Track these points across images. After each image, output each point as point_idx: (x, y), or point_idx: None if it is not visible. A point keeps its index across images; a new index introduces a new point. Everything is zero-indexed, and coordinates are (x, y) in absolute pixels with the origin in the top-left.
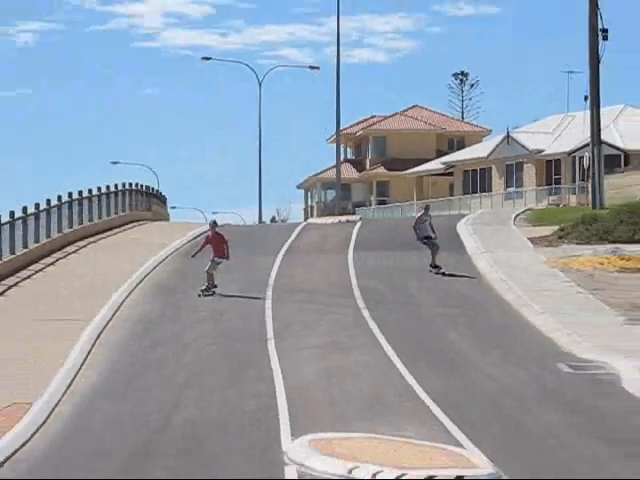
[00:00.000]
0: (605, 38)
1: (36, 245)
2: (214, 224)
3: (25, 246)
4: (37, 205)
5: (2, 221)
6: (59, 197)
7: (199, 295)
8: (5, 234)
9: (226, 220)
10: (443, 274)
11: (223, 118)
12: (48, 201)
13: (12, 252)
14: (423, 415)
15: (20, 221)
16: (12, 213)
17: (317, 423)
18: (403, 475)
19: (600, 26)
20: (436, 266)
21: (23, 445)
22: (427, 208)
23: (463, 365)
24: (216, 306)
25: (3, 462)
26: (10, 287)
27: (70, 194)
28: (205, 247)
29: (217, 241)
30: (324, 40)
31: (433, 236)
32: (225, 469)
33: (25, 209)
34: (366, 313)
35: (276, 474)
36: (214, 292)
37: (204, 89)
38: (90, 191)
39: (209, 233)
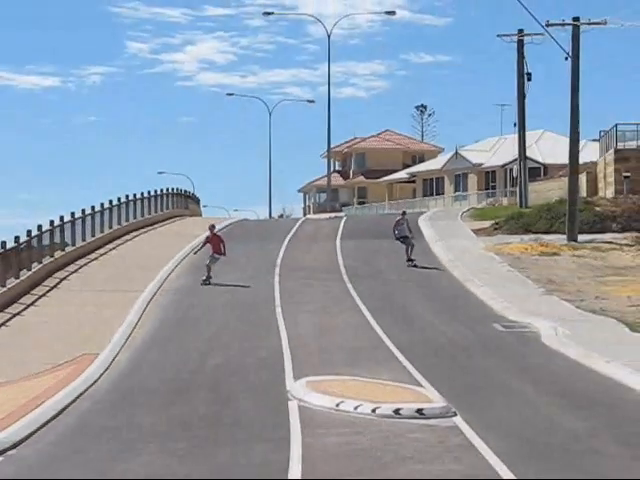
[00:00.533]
0: (529, 79)
1: (101, 235)
2: (212, 227)
3: (93, 235)
4: (102, 204)
5: (75, 216)
6: (119, 198)
7: (201, 284)
8: (78, 227)
9: (244, 216)
10: (415, 266)
11: (242, 139)
12: (110, 201)
13: (83, 240)
14: (392, 362)
15: (89, 217)
16: (83, 210)
17: (313, 367)
18: (377, 408)
19: (525, 70)
20: (410, 259)
21: (91, 385)
22: (404, 213)
23: (421, 323)
24: (239, 281)
25: (75, 399)
26: (81, 267)
27: (127, 196)
28: (205, 245)
29: (215, 241)
30: (319, 80)
31: (410, 236)
32: (244, 402)
33: (93, 207)
34: (349, 285)
35: (282, 407)
36: (209, 282)
37: (228, 117)
38: (142, 194)
39: (209, 234)
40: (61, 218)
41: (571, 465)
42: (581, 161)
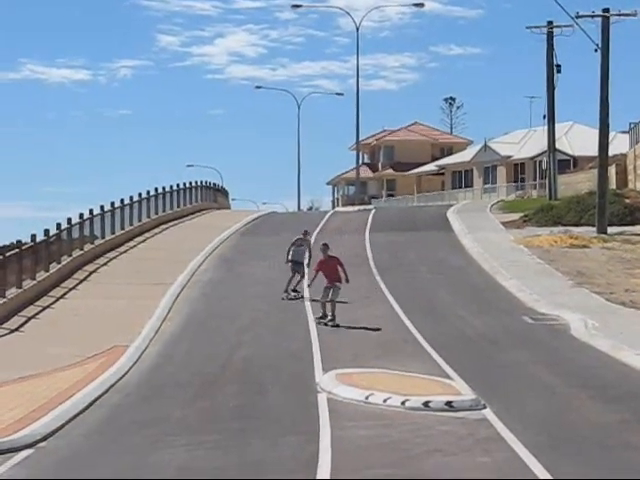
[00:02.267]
0: (559, 71)
1: (130, 228)
2: (325, 247)
3: (122, 228)
4: (131, 198)
5: (105, 210)
6: (147, 192)
7: (317, 323)
8: (107, 220)
9: (273, 209)
10: (296, 298)
11: (271, 132)
12: (139, 195)
13: (112, 233)
14: (421, 354)
15: (119, 210)
16: (112, 204)
17: (342, 360)
18: (406, 400)
19: (555, 62)
20: (295, 290)
21: (121, 378)
22: (306, 233)
23: (450, 316)
24: (267, 274)
25: (105, 392)
26: (111, 259)
27: (156, 189)
28: (317, 275)
29: (331, 266)
30: (349, 73)
31: (305, 262)
32: (274, 394)
33: (122, 201)
34: (378, 278)
35: (312, 399)
36: (329, 323)
37: (257, 110)
38: (171, 187)
39: (321, 256)
40: (90, 211)
41: (603, 458)
42: (611, 153)
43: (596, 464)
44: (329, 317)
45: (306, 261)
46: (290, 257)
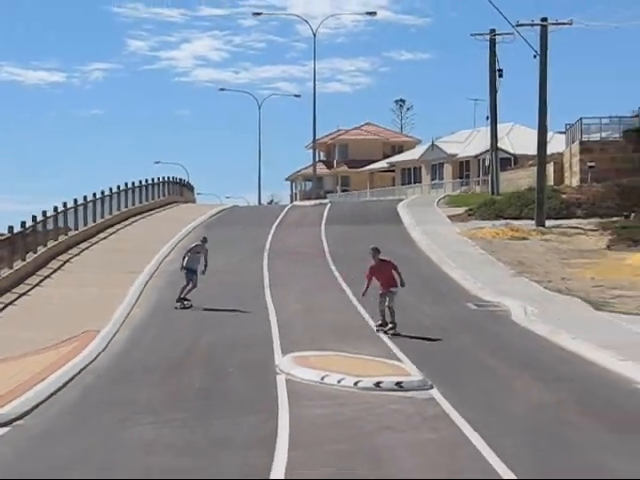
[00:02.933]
0: (500, 76)
1: (101, 220)
2: (376, 251)
3: (94, 220)
4: (102, 192)
5: (78, 203)
6: (118, 186)
7: (377, 331)
8: (80, 213)
9: (235, 202)
10: (185, 307)
11: (234, 131)
12: (110, 189)
13: (85, 225)
14: (373, 338)
15: (91, 203)
16: (85, 197)
17: (299, 344)
18: (359, 381)
19: (497, 67)
20: (184, 299)
21: (92, 361)
22: (204, 240)
23: (400, 302)
24: (229, 262)
25: (77, 374)
26: (83, 250)
27: (125, 184)
28: (370, 283)
29: (386, 271)
30: (307, 76)
31: (200, 270)
32: (236, 376)
33: (94, 195)
34: (333, 267)
35: (272, 380)
36: (389, 332)
37: (221, 111)
38: (140, 182)
39: (371, 263)
40: (64, 204)
41: (540, 435)
42: (549, 152)
43: (534, 440)
44: (389, 325)
45: (201, 268)
46: (185, 264)
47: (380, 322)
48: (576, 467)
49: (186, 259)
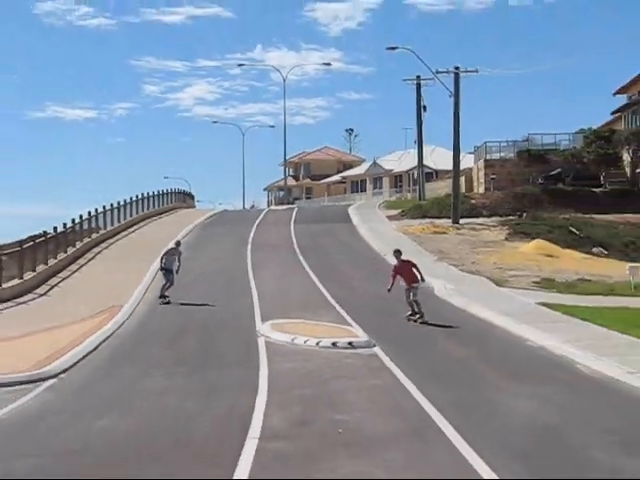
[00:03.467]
0: (425, 110)
1: (124, 221)
2: (398, 253)
3: (118, 221)
4: (125, 200)
5: (106, 209)
6: (136, 196)
7: (408, 320)
8: (107, 216)
9: (225, 207)
10: (164, 303)
11: (225, 153)
12: (130, 198)
13: (112, 225)
14: (331, 310)
15: (116, 209)
16: (111, 204)
17: (275, 314)
18: (320, 342)
19: (422, 103)
20: (163, 296)
21: (119, 328)
22: (178, 244)
23: (351, 282)
24: (219, 253)
25: (107, 338)
26: (111, 244)
27: (142, 194)
28: (395, 279)
29: (407, 269)
30: (279, 112)
31: (175, 270)
32: (226, 340)
33: (118, 202)
34: (300, 256)
35: (254, 342)
36: (418, 320)
37: (214, 138)
38: (153, 192)
39: (396, 262)
40: (95, 210)
41: (455, 381)
42: (461, 167)
43: (450, 385)
44: (417, 315)
45: (175, 268)
46: (163, 265)
47: (410, 312)
48: (482, 404)
49: (164, 260)
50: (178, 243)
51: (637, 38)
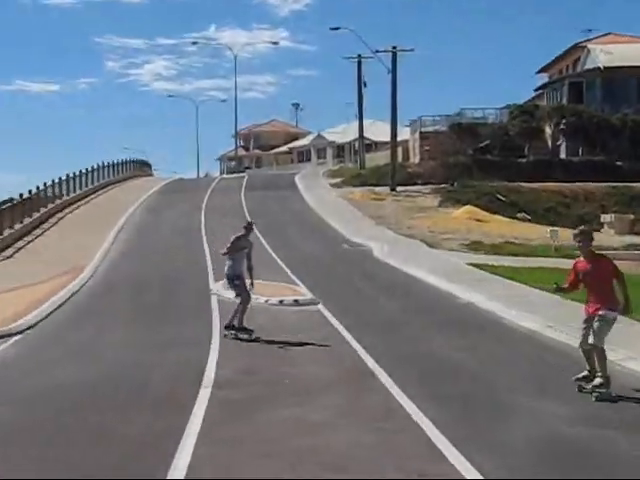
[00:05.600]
0: (365, 86)
1: (87, 188)
2: (249, 226)
3: (81, 188)
4: (87, 168)
5: (70, 176)
6: (98, 164)
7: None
8: (71, 183)
9: (181, 175)
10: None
11: (181, 125)
12: (92, 166)
13: (74, 192)
14: (278, 270)
15: (78, 177)
16: (74, 172)
17: None
18: (268, 299)
19: (363, 80)
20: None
21: (82, 287)
22: (249, 227)
23: (297, 245)
24: (175, 217)
25: (71, 295)
26: (73, 210)
27: (103, 163)
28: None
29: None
30: (232, 87)
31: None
32: (183, 296)
33: (80, 170)
34: (248, 216)
35: (207, 299)
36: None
37: (171, 112)
38: (113, 162)
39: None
40: (59, 178)
41: (389, 330)
42: (398, 139)
43: (386, 337)
44: None
45: (245, 273)
46: (229, 267)
47: None
48: (415, 353)
49: (230, 260)
50: (250, 226)
51: (558, 22)
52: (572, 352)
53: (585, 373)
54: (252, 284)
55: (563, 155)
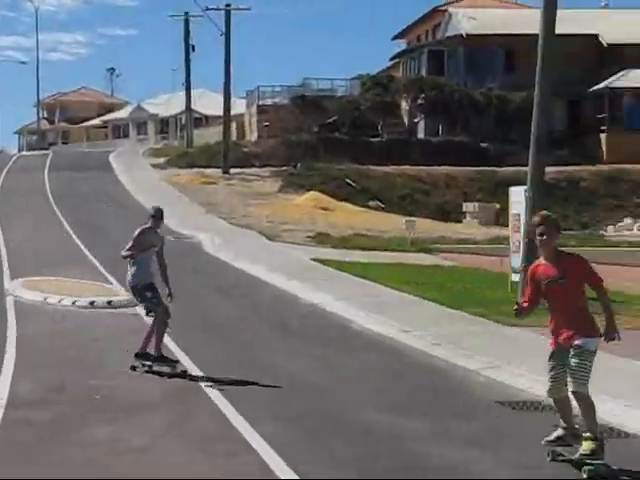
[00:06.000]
0: (193, 50)
1: None
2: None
3: None
4: None
5: None
6: None
7: None
8: None
9: None
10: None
11: None
12: None
13: None
14: (88, 264)
15: None
16: None
17: (27, 271)
18: (76, 301)
19: (191, 42)
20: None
21: None
22: (158, 215)
23: (110, 234)
24: None
25: None
26: None
27: None
28: None
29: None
30: (34, 46)
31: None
32: None
33: None
34: (55, 207)
35: (1, 301)
36: None
37: None
38: None
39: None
40: None
41: (223, 338)
42: (232, 113)
43: (219, 344)
44: None
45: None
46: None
47: None
48: (251, 363)
49: (133, 261)
50: (158, 214)
51: None
52: (432, 362)
53: (559, 432)
54: (170, 295)
55: (421, 134)
